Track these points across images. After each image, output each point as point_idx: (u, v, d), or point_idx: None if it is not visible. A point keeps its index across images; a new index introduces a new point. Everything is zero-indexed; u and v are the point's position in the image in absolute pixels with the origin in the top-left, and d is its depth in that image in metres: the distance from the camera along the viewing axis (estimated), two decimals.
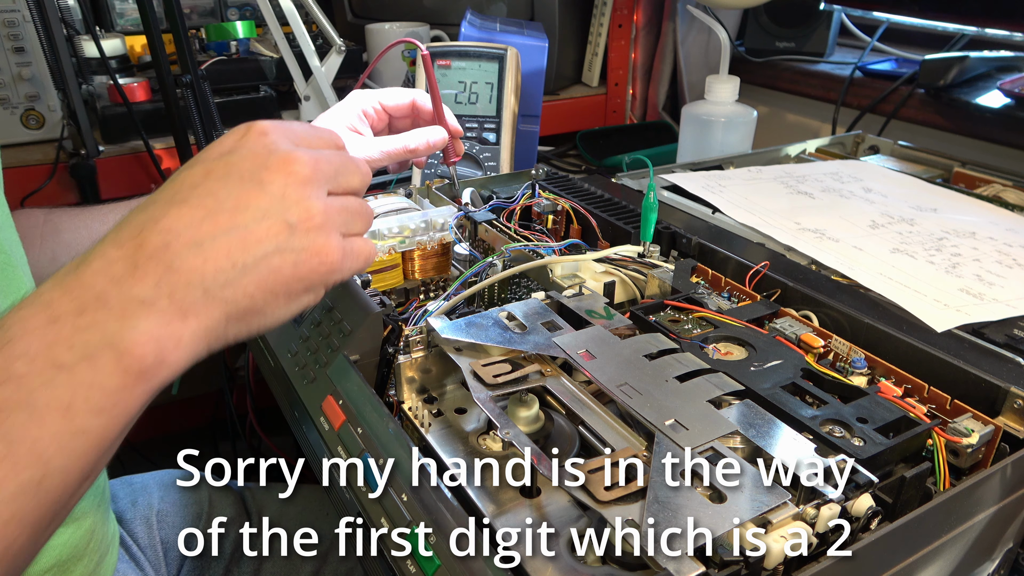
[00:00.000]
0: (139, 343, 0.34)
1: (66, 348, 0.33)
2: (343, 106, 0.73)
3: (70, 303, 0.35)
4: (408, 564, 0.38)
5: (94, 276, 0.35)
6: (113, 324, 0.34)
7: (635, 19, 1.26)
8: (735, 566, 0.32)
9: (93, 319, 0.34)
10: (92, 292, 0.35)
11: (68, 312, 0.34)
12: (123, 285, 0.35)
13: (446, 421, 0.47)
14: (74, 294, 0.35)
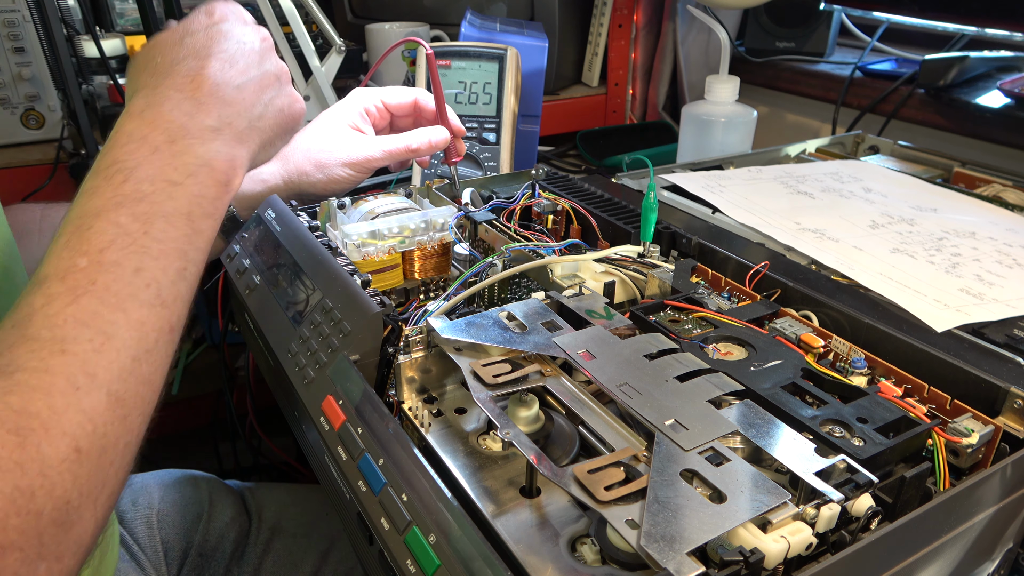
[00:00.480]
0: (220, 160, 0.46)
1: (173, 169, 0.43)
2: (345, 104, 0.73)
3: (161, 135, 0.44)
4: (408, 564, 0.38)
5: (171, 113, 0.45)
6: (199, 148, 0.45)
7: (635, 19, 1.26)
8: (735, 566, 0.32)
9: (184, 146, 0.45)
10: (175, 125, 0.45)
11: (163, 142, 0.44)
12: (195, 118, 0.46)
13: (446, 421, 0.47)
14: (161, 128, 0.45)
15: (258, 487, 0.80)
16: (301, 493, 0.80)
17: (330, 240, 0.61)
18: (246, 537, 0.74)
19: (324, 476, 0.50)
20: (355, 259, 0.59)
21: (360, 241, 0.60)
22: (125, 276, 0.39)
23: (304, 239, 0.60)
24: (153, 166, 0.43)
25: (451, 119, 0.73)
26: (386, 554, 0.40)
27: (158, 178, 0.43)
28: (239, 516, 0.75)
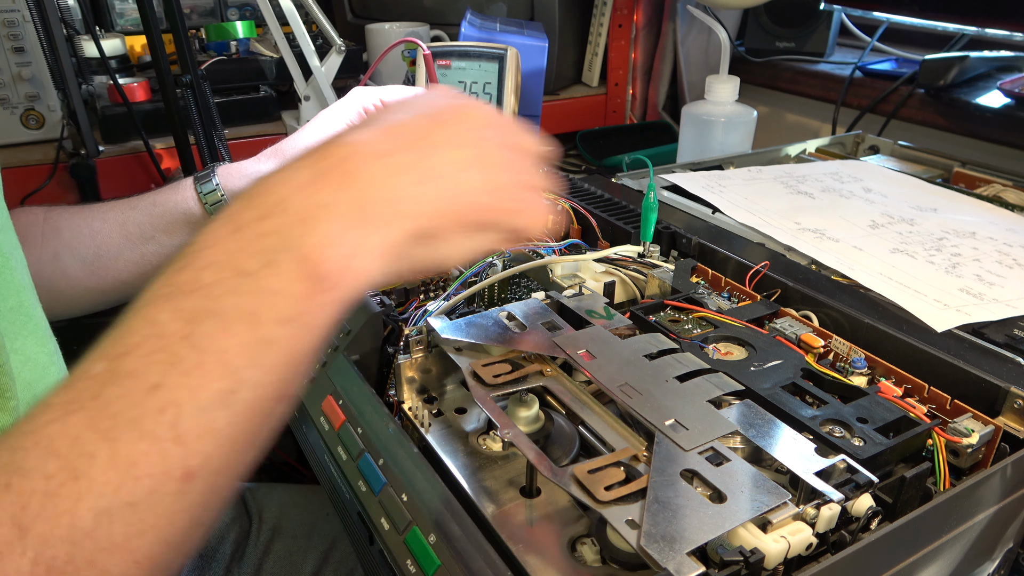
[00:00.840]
0: (319, 246, 0.33)
1: (249, 255, 0.33)
2: (344, 104, 0.73)
3: (253, 211, 0.34)
4: (408, 564, 0.38)
5: (277, 185, 0.35)
6: (294, 228, 0.33)
7: (635, 19, 1.26)
8: (735, 566, 0.32)
9: (274, 224, 0.34)
10: (274, 199, 0.35)
11: (251, 220, 0.34)
12: (305, 191, 0.35)
13: (446, 421, 0.47)
14: (256, 202, 0.35)
15: (258, 487, 0.80)
16: (301, 493, 0.79)
17: None
18: (246, 538, 0.74)
19: (324, 476, 0.50)
20: None
21: None
22: (135, 394, 0.29)
23: None
24: (227, 249, 0.33)
25: None
26: (386, 554, 0.40)
27: (226, 265, 0.32)
28: (239, 517, 0.75)
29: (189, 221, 0.70)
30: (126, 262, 0.70)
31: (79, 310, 0.72)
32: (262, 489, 0.79)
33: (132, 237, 0.70)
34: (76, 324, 1.09)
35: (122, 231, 0.70)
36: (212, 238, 0.34)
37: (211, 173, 0.71)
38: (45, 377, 0.48)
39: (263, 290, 0.32)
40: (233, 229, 0.34)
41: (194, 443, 0.29)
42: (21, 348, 0.46)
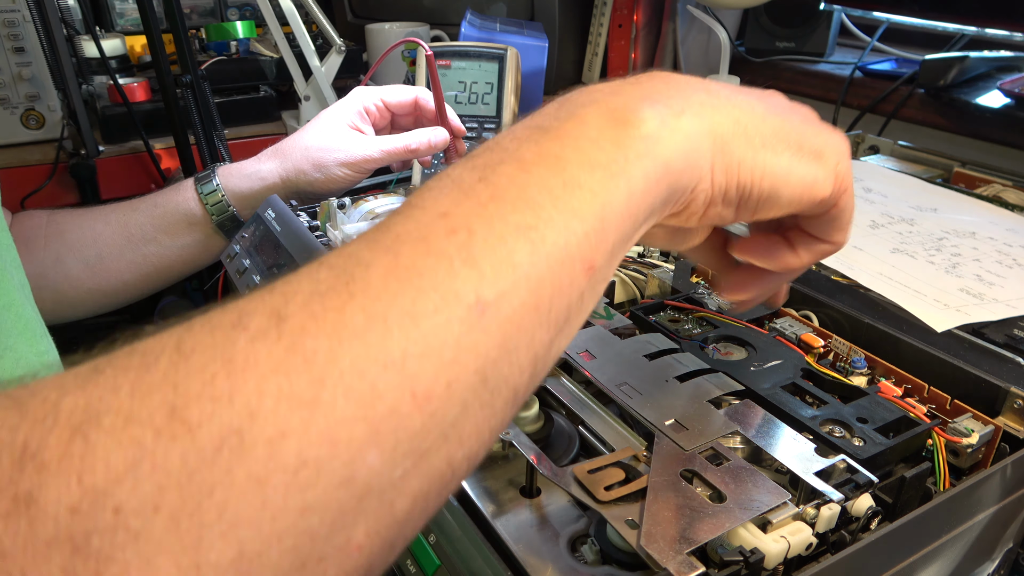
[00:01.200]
0: (630, 106, 0.29)
1: (551, 116, 0.29)
2: (345, 103, 0.73)
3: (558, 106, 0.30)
4: (408, 564, 0.38)
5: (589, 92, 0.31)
6: (606, 98, 0.30)
7: (635, 19, 1.26)
8: (735, 566, 0.32)
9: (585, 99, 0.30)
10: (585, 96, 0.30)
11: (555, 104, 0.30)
12: (618, 91, 0.31)
13: None
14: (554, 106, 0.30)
15: None
16: None
17: (330, 240, 0.61)
18: None
19: None
20: None
21: None
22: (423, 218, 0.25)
23: (304, 239, 0.60)
24: (528, 123, 0.29)
25: (451, 119, 0.73)
26: None
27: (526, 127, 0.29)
28: None
29: (190, 222, 0.70)
30: (128, 263, 0.70)
31: (83, 312, 0.72)
32: None
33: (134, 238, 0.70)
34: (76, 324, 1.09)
35: (124, 232, 0.70)
36: (520, 123, 0.30)
37: (212, 174, 0.71)
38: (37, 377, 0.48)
39: (566, 135, 0.28)
40: (539, 113, 0.30)
41: (489, 270, 0.24)
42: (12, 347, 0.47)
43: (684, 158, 0.30)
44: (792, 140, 0.33)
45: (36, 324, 0.51)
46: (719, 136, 0.31)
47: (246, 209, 0.71)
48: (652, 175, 0.29)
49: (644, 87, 0.31)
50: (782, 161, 0.32)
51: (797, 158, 0.33)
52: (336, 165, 0.70)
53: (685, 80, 0.32)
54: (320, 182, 0.70)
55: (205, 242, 0.72)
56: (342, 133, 0.71)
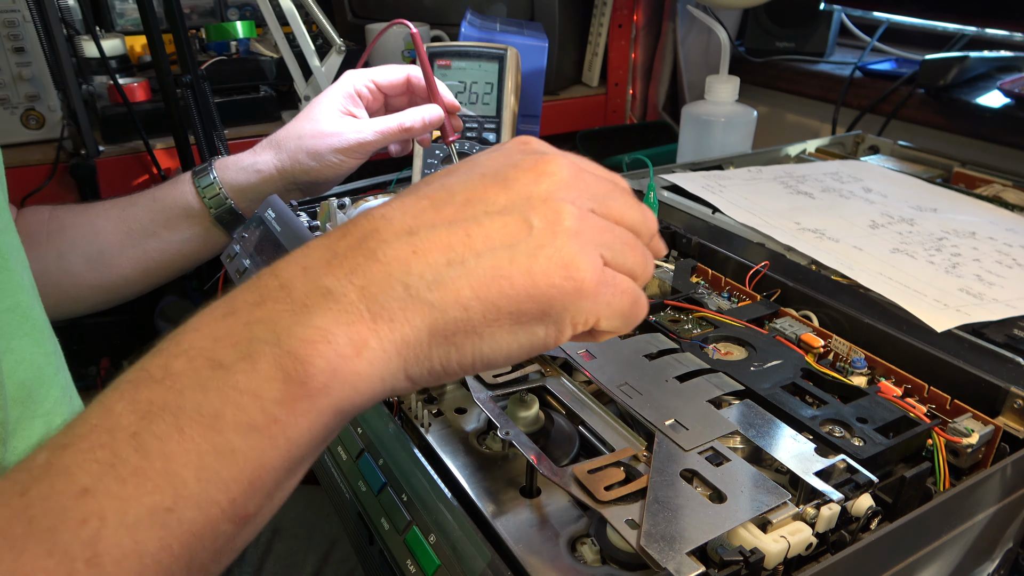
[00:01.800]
0: (307, 341, 0.27)
1: (230, 344, 0.28)
2: (335, 88, 0.71)
3: (252, 294, 0.29)
4: (408, 564, 0.38)
5: (287, 265, 0.30)
6: (286, 317, 0.28)
7: (635, 19, 1.26)
8: (735, 566, 0.32)
9: (269, 311, 0.28)
10: (279, 281, 0.30)
11: (247, 304, 0.29)
12: (313, 274, 0.29)
13: (446, 421, 0.47)
14: (259, 284, 0.30)
15: None
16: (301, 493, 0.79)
17: None
18: None
19: (324, 476, 0.50)
20: None
21: None
22: (63, 496, 0.25)
23: (304, 239, 0.60)
24: (210, 335, 0.28)
25: (444, 95, 0.71)
26: (386, 554, 0.40)
27: (202, 354, 0.28)
28: None
29: (189, 215, 0.70)
30: (128, 258, 0.70)
31: (84, 308, 0.72)
32: None
33: (134, 233, 0.70)
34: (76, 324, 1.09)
35: (124, 227, 0.70)
36: (201, 320, 0.29)
37: (209, 167, 0.71)
38: (41, 377, 0.48)
39: (231, 388, 0.27)
40: (226, 312, 0.29)
41: (111, 567, 0.25)
42: (17, 348, 0.46)
43: (363, 396, 0.29)
44: (505, 312, 0.29)
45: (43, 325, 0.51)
46: (410, 348, 0.29)
47: (244, 202, 0.70)
48: (319, 425, 0.28)
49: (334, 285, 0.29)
50: (496, 341, 0.30)
51: (514, 331, 0.30)
52: (330, 151, 0.69)
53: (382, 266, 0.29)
54: (316, 170, 0.69)
55: (204, 236, 0.71)
56: (335, 119, 0.70)
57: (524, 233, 0.30)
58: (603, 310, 0.31)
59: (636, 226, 0.34)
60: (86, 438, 0.26)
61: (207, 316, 0.29)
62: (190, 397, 0.27)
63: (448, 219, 0.30)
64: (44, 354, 0.50)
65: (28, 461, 0.27)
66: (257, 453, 0.27)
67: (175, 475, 0.26)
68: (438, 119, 0.70)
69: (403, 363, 0.29)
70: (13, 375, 0.45)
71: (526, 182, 0.31)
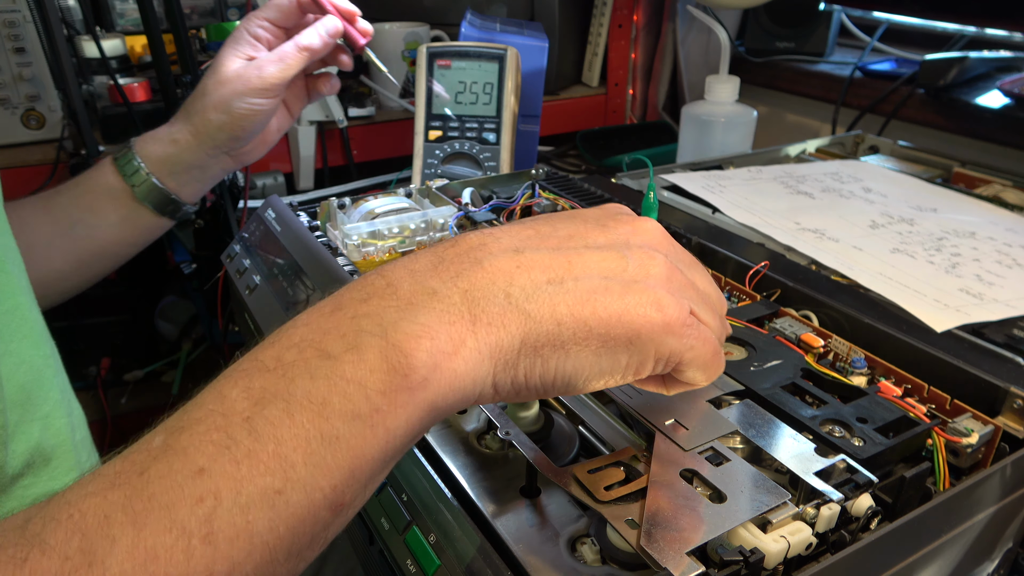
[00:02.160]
0: (411, 335, 0.29)
1: (338, 336, 0.29)
2: (231, 39, 0.68)
3: (360, 292, 0.31)
4: (408, 564, 0.38)
5: (394, 268, 0.32)
6: (392, 312, 0.30)
7: (635, 19, 1.26)
8: (735, 566, 0.33)
9: (376, 306, 0.30)
10: (385, 280, 0.31)
11: (353, 300, 0.31)
12: (420, 276, 0.31)
13: (446, 421, 0.47)
14: (367, 282, 0.32)
15: None
16: None
17: (330, 240, 0.61)
18: None
19: None
20: (355, 259, 0.59)
21: (360, 241, 0.60)
22: (179, 475, 0.27)
23: (304, 239, 0.60)
24: (319, 328, 0.30)
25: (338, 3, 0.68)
26: (386, 554, 0.40)
27: (312, 345, 0.29)
28: None
29: (112, 196, 0.67)
30: (58, 250, 0.68)
31: None
32: None
33: (60, 222, 0.67)
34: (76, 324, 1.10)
35: (49, 218, 0.67)
36: (311, 316, 0.31)
37: (129, 144, 0.68)
38: (40, 380, 0.48)
39: (339, 377, 0.28)
40: (334, 308, 0.31)
41: (225, 545, 0.26)
42: (16, 351, 0.46)
43: (457, 394, 0.30)
44: (595, 334, 0.31)
45: (40, 327, 0.51)
46: (503, 354, 0.31)
47: (167, 176, 0.68)
48: (415, 418, 0.30)
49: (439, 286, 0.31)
50: (581, 360, 0.32)
51: (599, 353, 0.32)
52: (236, 97, 0.65)
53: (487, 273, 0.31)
54: (230, 123, 0.66)
55: (132, 217, 0.69)
56: (235, 66, 0.66)
57: (621, 268, 0.32)
58: (687, 352, 0.33)
59: (713, 300, 0.37)
60: (202, 421, 0.28)
61: (316, 312, 0.31)
62: (300, 385, 0.28)
63: (552, 247, 0.33)
64: (42, 356, 0.50)
65: (145, 443, 0.28)
66: (359, 441, 0.28)
67: (285, 458, 0.27)
68: (337, 30, 0.67)
69: (493, 367, 0.31)
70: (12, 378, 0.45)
71: (625, 232, 0.35)
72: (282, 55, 0.65)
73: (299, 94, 0.74)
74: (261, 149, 0.72)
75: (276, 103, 0.68)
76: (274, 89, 0.66)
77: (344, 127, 1.05)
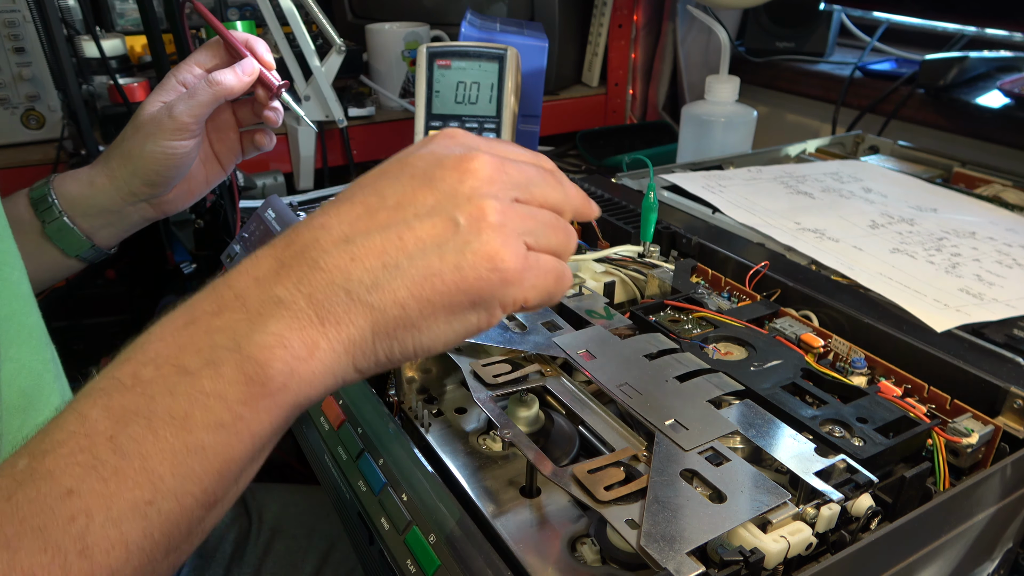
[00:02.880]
0: (265, 346, 0.30)
1: (194, 352, 0.30)
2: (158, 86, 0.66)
3: (210, 304, 0.32)
4: (408, 564, 0.38)
5: (239, 276, 0.33)
6: (244, 326, 0.31)
7: (635, 19, 1.26)
8: (735, 566, 0.32)
9: (228, 320, 0.31)
10: (233, 292, 0.32)
11: (206, 313, 0.32)
12: (264, 284, 0.32)
13: (446, 421, 0.47)
14: (216, 294, 0.32)
15: (258, 487, 0.80)
16: (301, 493, 0.79)
17: None
18: (246, 538, 0.74)
19: (324, 476, 0.50)
20: None
21: None
22: (48, 498, 0.27)
23: None
24: (174, 344, 0.31)
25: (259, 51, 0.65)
26: (386, 554, 0.40)
27: (168, 362, 0.30)
28: (239, 517, 0.75)
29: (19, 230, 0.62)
30: None
31: None
32: (262, 489, 0.79)
33: None
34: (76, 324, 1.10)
35: None
36: (164, 330, 0.32)
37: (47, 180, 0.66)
38: (40, 385, 0.48)
39: (199, 391, 0.30)
40: (187, 322, 0.32)
41: (101, 557, 0.27)
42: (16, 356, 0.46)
43: (316, 390, 0.32)
44: (440, 307, 0.33)
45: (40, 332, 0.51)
46: (356, 346, 0.32)
47: (80, 216, 0.66)
48: (279, 418, 0.31)
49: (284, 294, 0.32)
50: (430, 335, 0.33)
51: (450, 319, 0.33)
52: (149, 142, 0.62)
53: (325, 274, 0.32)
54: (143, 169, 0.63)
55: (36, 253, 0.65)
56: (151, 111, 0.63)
57: (451, 232, 0.33)
58: (529, 292, 0.34)
59: (559, 206, 0.37)
60: (65, 444, 0.28)
61: (169, 326, 0.32)
62: (161, 402, 0.29)
63: (381, 224, 0.33)
64: (43, 361, 0.50)
65: (8, 468, 0.28)
66: (225, 448, 0.30)
67: (152, 472, 0.28)
68: (253, 68, 0.64)
69: (351, 359, 0.33)
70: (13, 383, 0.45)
71: (452, 182, 0.34)
72: (192, 91, 0.62)
73: (231, 146, 0.71)
74: (186, 199, 0.69)
75: (191, 146, 0.64)
76: (186, 128, 0.62)
77: (344, 127, 1.05)
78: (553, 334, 0.48)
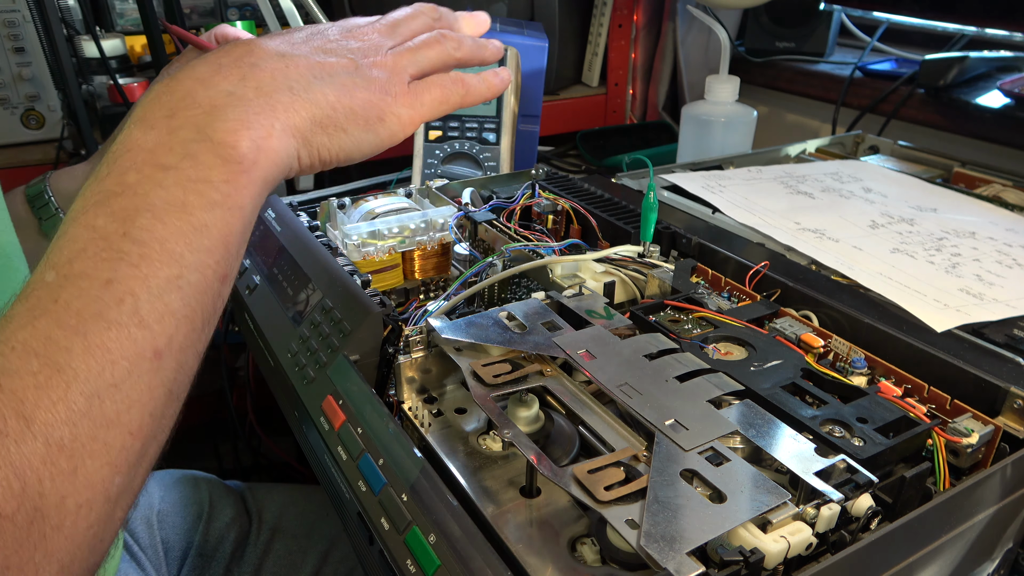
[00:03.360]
0: (231, 130, 0.36)
1: (166, 150, 0.35)
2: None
3: (161, 110, 0.36)
4: (408, 564, 0.38)
5: (180, 82, 0.37)
6: (203, 118, 0.36)
7: (635, 19, 1.26)
8: (735, 566, 0.32)
9: (185, 118, 0.36)
10: (179, 94, 0.36)
11: (161, 117, 0.36)
12: (208, 83, 0.37)
13: (446, 421, 0.47)
14: (163, 101, 0.36)
15: (258, 487, 0.80)
16: (301, 493, 0.80)
17: (330, 240, 0.61)
18: (246, 537, 0.74)
19: (324, 476, 0.50)
20: (355, 259, 0.59)
21: (360, 241, 0.60)
22: (92, 290, 0.31)
23: (304, 239, 0.60)
24: (143, 149, 0.35)
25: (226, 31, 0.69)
26: (386, 554, 0.40)
27: (147, 164, 0.34)
28: (239, 516, 0.75)
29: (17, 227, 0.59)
30: None
31: None
32: (262, 489, 0.79)
33: None
34: None
35: None
36: (128, 143, 0.35)
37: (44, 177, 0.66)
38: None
39: (187, 180, 0.34)
40: (146, 129, 0.36)
41: (156, 325, 0.32)
42: None
43: (278, 168, 0.38)
44: (358, 116, 0.41)
45: None
46: (301, 133, 0.39)
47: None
48: (257, 194, 0.37)
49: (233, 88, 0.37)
50: (352, 138, 0.42)
51: (364, 130, 0.42)
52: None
53: (267, 73, 0.39)
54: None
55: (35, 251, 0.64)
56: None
57: (354, 67, 0.42)
58: (421, 109, 0.44)
59: (425, 27, 0.48)
60: (86, 250, 0.32)
61: (131, 138, 0.36)
62: (157, 195, 0.34)
63: (306, 53, 0.41)
64: None
65: (38, 283, 0.32)
66: (224, 223, 0.35)
67: (173, 252, 0.33)
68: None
69: (297, 144, 0.39)
70: None
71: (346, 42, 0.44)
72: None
73: None
74: None
75: None
76: None
77: None
78: (553, 334, 0.48)
